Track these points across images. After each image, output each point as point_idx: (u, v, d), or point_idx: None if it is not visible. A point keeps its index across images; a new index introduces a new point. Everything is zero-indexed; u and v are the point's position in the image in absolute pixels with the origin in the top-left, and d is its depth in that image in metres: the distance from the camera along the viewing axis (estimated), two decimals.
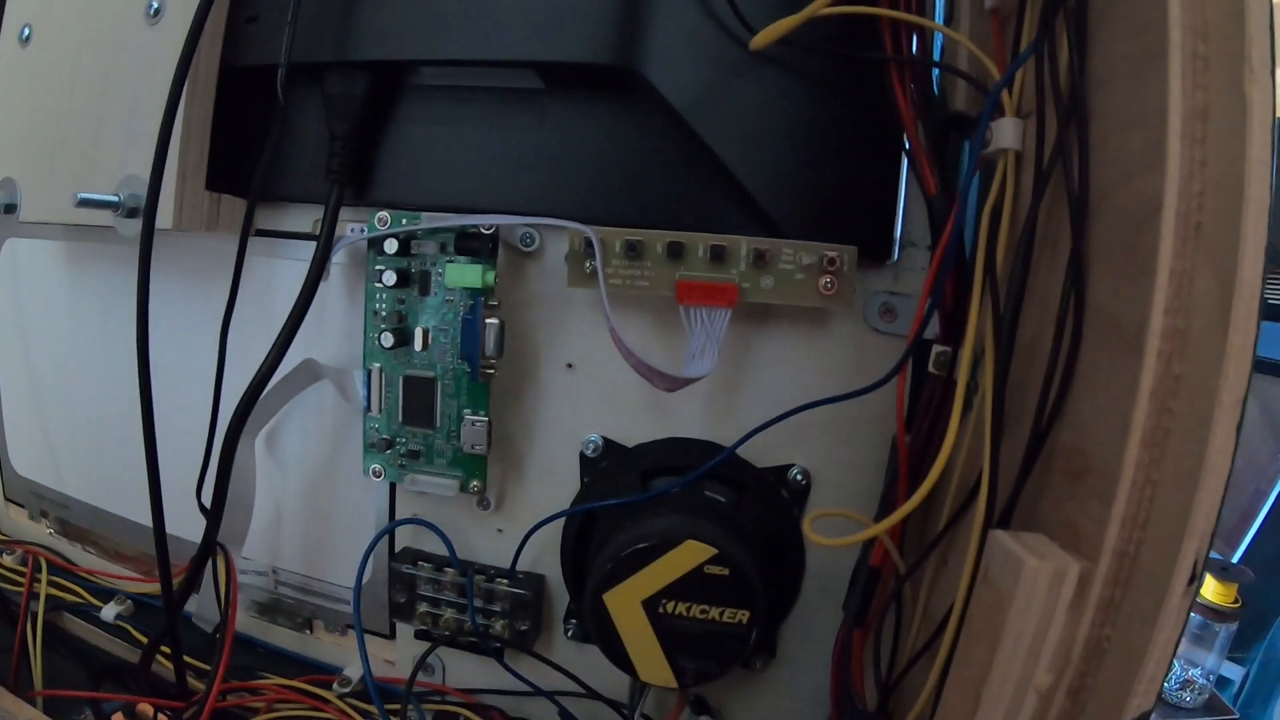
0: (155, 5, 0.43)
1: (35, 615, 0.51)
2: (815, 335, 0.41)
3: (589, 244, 0.38)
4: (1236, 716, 1.01)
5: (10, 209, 0.48)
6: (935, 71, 0.40)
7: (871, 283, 0.40)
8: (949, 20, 0.41)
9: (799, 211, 0.39)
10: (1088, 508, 0.27)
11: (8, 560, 0.57)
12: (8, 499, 0.62)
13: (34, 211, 0.48)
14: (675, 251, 0.38)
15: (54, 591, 0.54)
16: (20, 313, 0.58)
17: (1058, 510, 0.29)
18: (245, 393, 0.39)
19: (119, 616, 0.51)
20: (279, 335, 0.40)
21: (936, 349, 0.38)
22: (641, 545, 0.36)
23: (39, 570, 0.54)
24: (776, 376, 0.41)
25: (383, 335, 0.41)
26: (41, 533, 0.60)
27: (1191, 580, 0.24)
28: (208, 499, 0.43)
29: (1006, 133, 0.34)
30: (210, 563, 0.44)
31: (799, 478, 0.42)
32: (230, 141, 0.44)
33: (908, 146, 0.39)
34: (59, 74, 0.47)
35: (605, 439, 0.42)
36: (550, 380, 0.43)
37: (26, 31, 0.49)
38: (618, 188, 0.40)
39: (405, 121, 0.43)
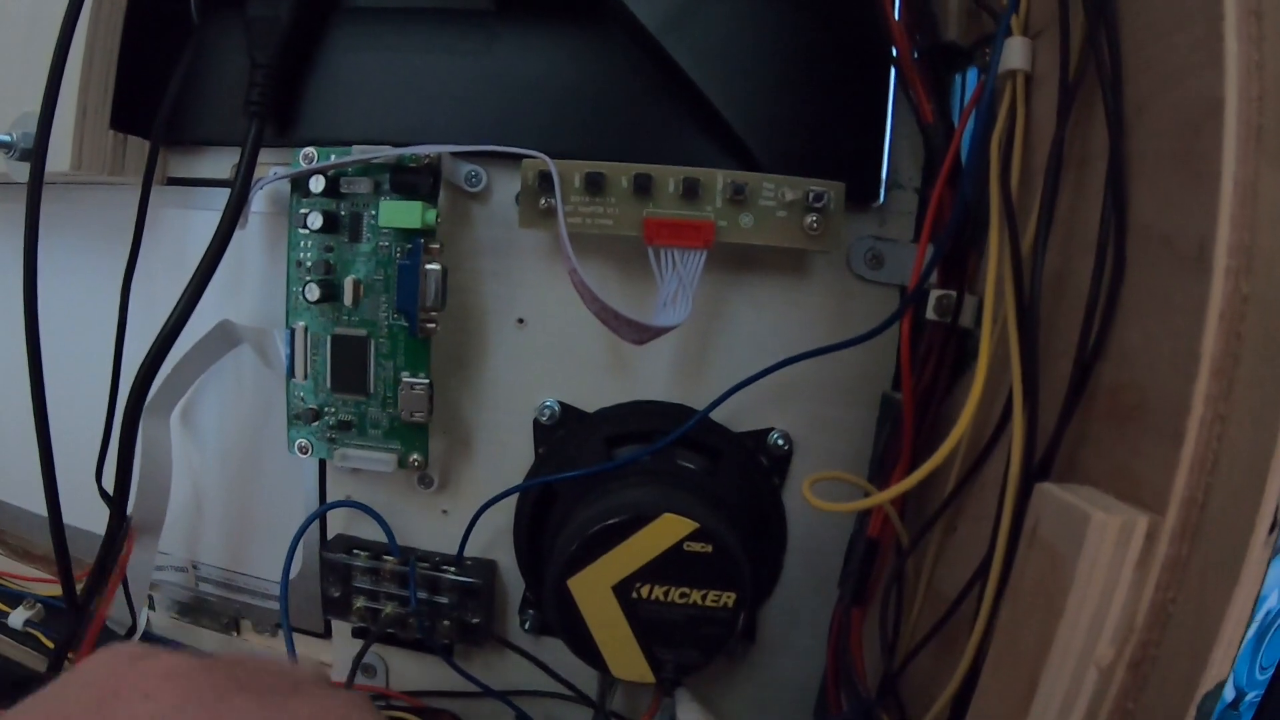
0: None
1: None
2: (795, 284, 0.35)
3: (545, 178, 0.32)
4: None
5: None
6: None
7: (856, 227, 0.34)
8: None
9: (780, 145, 0.33)
10: (1144, 451, 0.22)
11: None
12: None
13: None
14: (643, 185, 0.32)
15: None
16: None
17: (1104, 457, 0.24)
18: (146, 359, 0.32)
19: (28, 623, 0.43)
20: (186, 289, 0.32)
21: (937, 293, 0.33)
22: (611, 521, 0.30)
23: None
24: (754, 330, 0.35)
25: (307, 288, 0.33)
26: None
27: (1273, 528, 0.19)
28: (111, 484, 0.35)
29: (1015, 53, 0.29)
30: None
31: (780, 442, 0.35)
32: (139, 76, 0.37)
33: (899, 71, 0.34)
34: None
35: (562, 403, 0.36)
36: (499, 338, 0.36)
37: None
38: (577, 119, 0.34)
39: (336, 49, 0.36)
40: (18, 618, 0.44)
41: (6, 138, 0.36)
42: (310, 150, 0.34)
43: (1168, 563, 0.21)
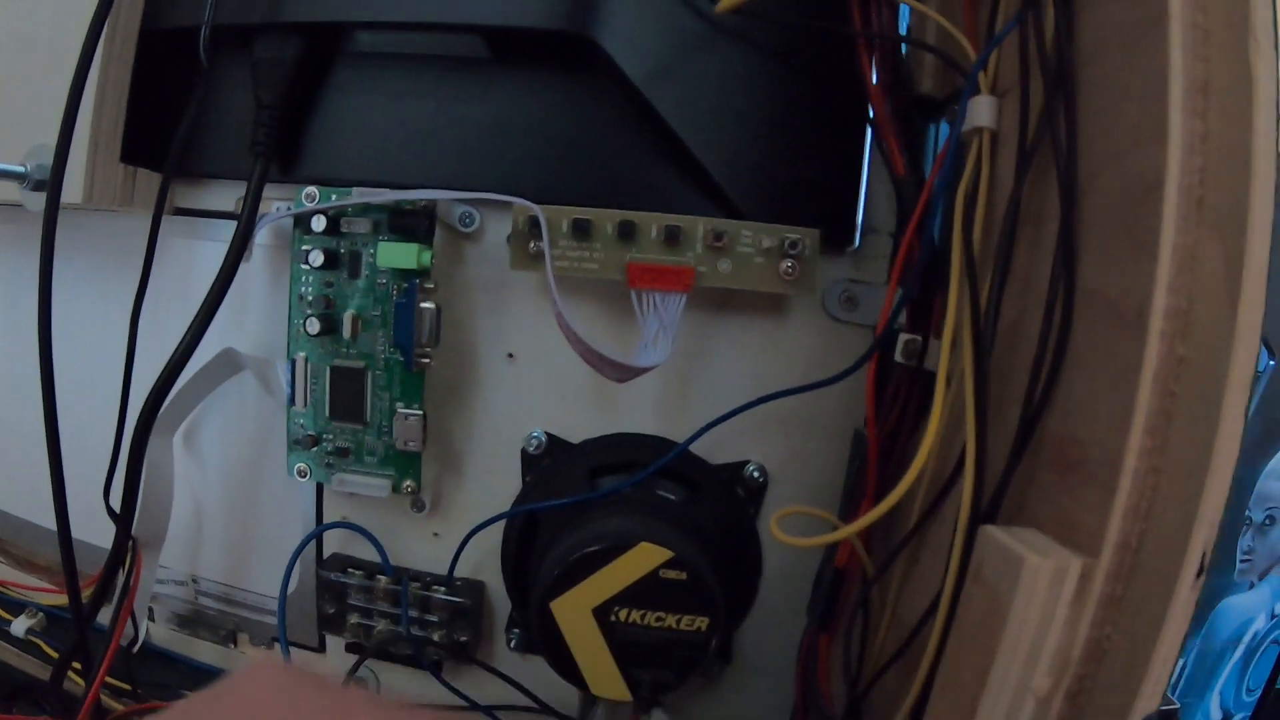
0: None
1: None
2: (773, 325, 0.37)
3: (534, 222, 0.33)
4: (1177, 706, 0.99)
5: None
6: (903, 49, 0.37)
7: (832, 270, 0.36)
8: None
9: (758, 193, 0.35)
10: (1084, 499, 0.23)
11: None
12: None
13: None
14: (627, 232, 0.33)
15: None
16: None
17: (1048, 503, 0.25)
18: (156, 384, 0.33)
19: (30, 631, 0.44)
20: (194, 320, 0.34)
21: (904, 337, 0.34)
22: (591, 549, 0.31)
23: None
24: (732, 368, 0.37)
25: (308, 321, 0.35)
26: None
27: (1200, 573, 0.21)
28: (118, 501, 0.36)
29: (982, 111, 0.30)
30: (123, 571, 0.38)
31: (756, 474, 0.37)
32: (148, 111, 0.38)
33: (874, 127, 0.36)
34: None
35: (549, 434, 0.37)
36: (490, 371, 0.37)
37: None
38: (566, 165, 0.36)
39: (338, 91, 0.37)
40: (20, 626, 0.45)
41: (21, 169, 0.38)
42: (312, 190, 0.35)
43: (1103, 601, 0.22)
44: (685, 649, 0.33)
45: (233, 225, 0.36)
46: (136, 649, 0.42)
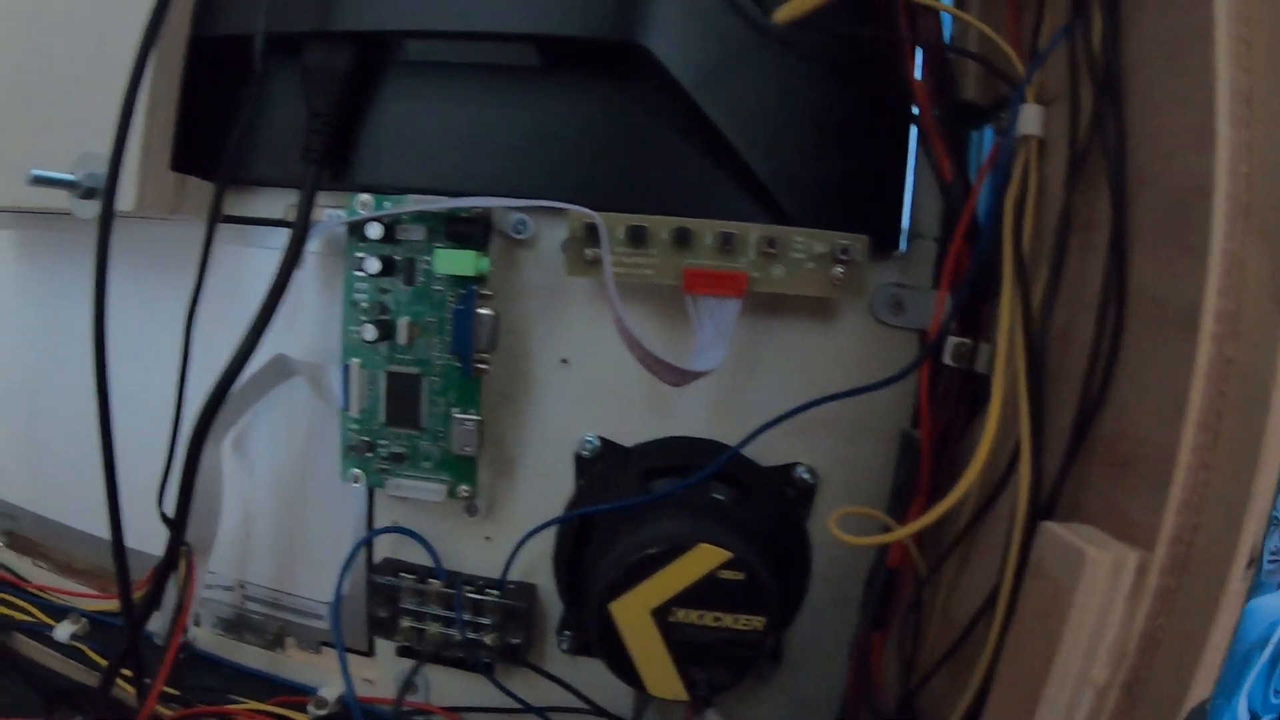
0: None
1: None
2: (821, 329, 0.39)
3: (591, 229, 0.36)
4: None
5: None
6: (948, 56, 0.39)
7: (878, 275, 0.39)
8: (957, 3, 0.40)
9: (808, 199, 0.38)
10: (1138, 495, 0.26)
11: None
12: None
13: None
14: (682, 238, 0.36)
15: (1, 609, 0.49)
16: None
17: (1102, 499, 0.28)
18: (212, 393, 0.36)
19: (74, 636, 0.47)
20: (249, 329, 0.36)
21: (954, 340, 0.37)
22: (651, 551, 0.34)
23: None
24: (781, 371, 0.39)
25: (364, 328, 0.38)
26: None
27: (1250, 563, 0.23)
28: (170, 507, 0.39)
29: (1029, 120, 0.33)
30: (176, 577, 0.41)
31: (805, 476, 0.40)
32: (196, 119, 0.41)
33: (920, 133, 0.38)
34: (4, 43, 0.43)
35: (602, 438, 0.40)
36: (543, 376, 0.40)
37: None
38: (617, 172, 0.38)
39: (389, 99, 0.40)
40: (63, 631, 0.47)
41: (71, 177, 0.40)
42: (366, 197, 0.38)
43: (1157, 594, 0.25)
44: (741, 648, 0.36)
45: (282, 232, 0.39)
46: (183, 654, 0.45)
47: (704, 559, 0.34)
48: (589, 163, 0.38)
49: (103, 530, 0.46)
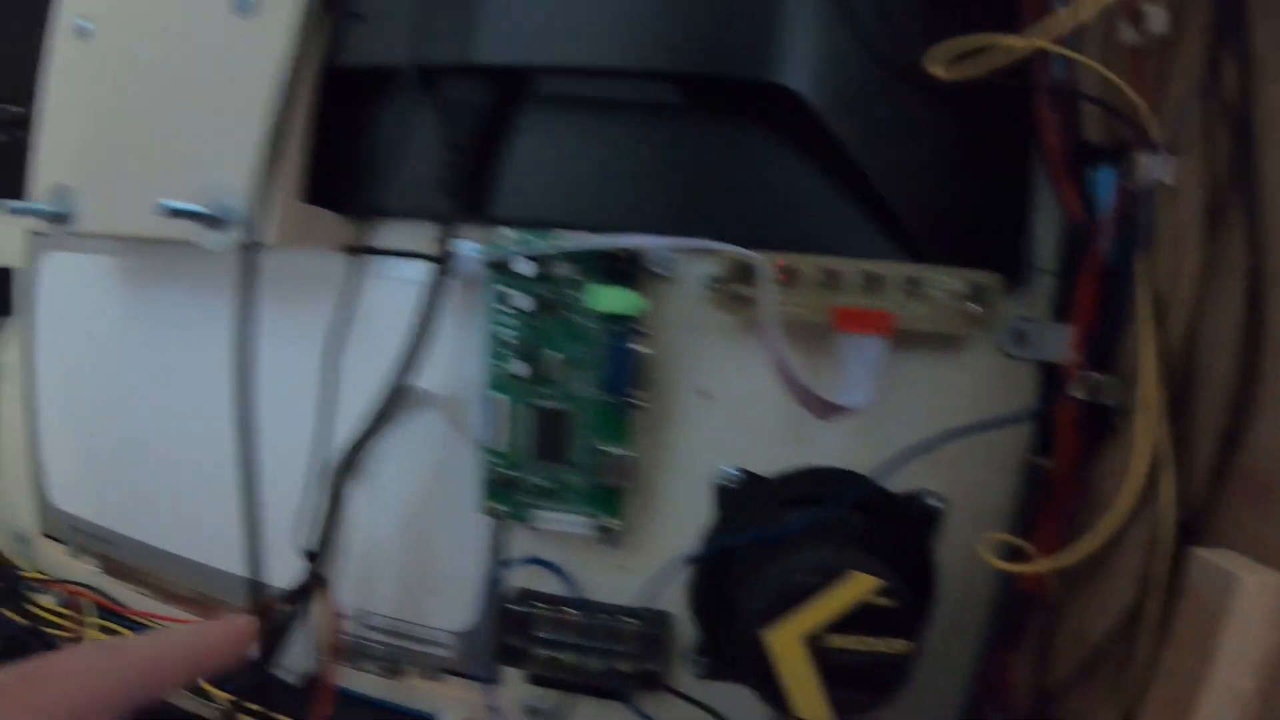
0: None
1: None
2: (947, 361, 0.43)
3: (741, 268, 0.40)
4: None
5: (62, 218, 0.47)
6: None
7: (1005, 308, 0.42)
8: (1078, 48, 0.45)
9: (941, 236, 0.41)
10: (1275, 521, 0.32)
11: (47, 601, 0.54)
12: (45, 535, 0.60)
13: (94, 222, 0.46)
14: (830, 277, 0.41)
15: (103, 637, 0.52)
16: (61, 334, 0.57)
17: (1241, 527, 0.33)
18: (359, 429, 0.39)
19: None
20: (394, 367, 0.40)
21: (1081, 374, 0.42)
22: (806, 580, 0.39)
23: (84, 613, 0.53)
24: (908, 401, 0.43)
25: (512, 363, 0.41)
26: (82, 570, 0.58)
27: None
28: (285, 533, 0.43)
29: (1160, 167, 0.38)
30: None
31: (933, 502, 0.44)
32: (322, 150, 0.44)
33: (1049, 173, 0.43)
34: (125, 71, 0.46)
35: (742, 469, 0.43)
36: (684, 409, 0.43)
37: (86, 24, 0.48)
38: (756, 208, 0.41)
39: (525, 132, 0.43)
40: None
41: (201, 208, 0.42)
42: (509, 232, 0.41)
43: None
44: (886, 671, 0.40)
45: (408, 264, 0.43)
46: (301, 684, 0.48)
47: (855, 586, 0.39)
48: (727, 198, 0.42)
49: (203, 556, 0.50)
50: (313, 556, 0.42)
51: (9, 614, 0.56)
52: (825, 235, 0.42)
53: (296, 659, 0.46)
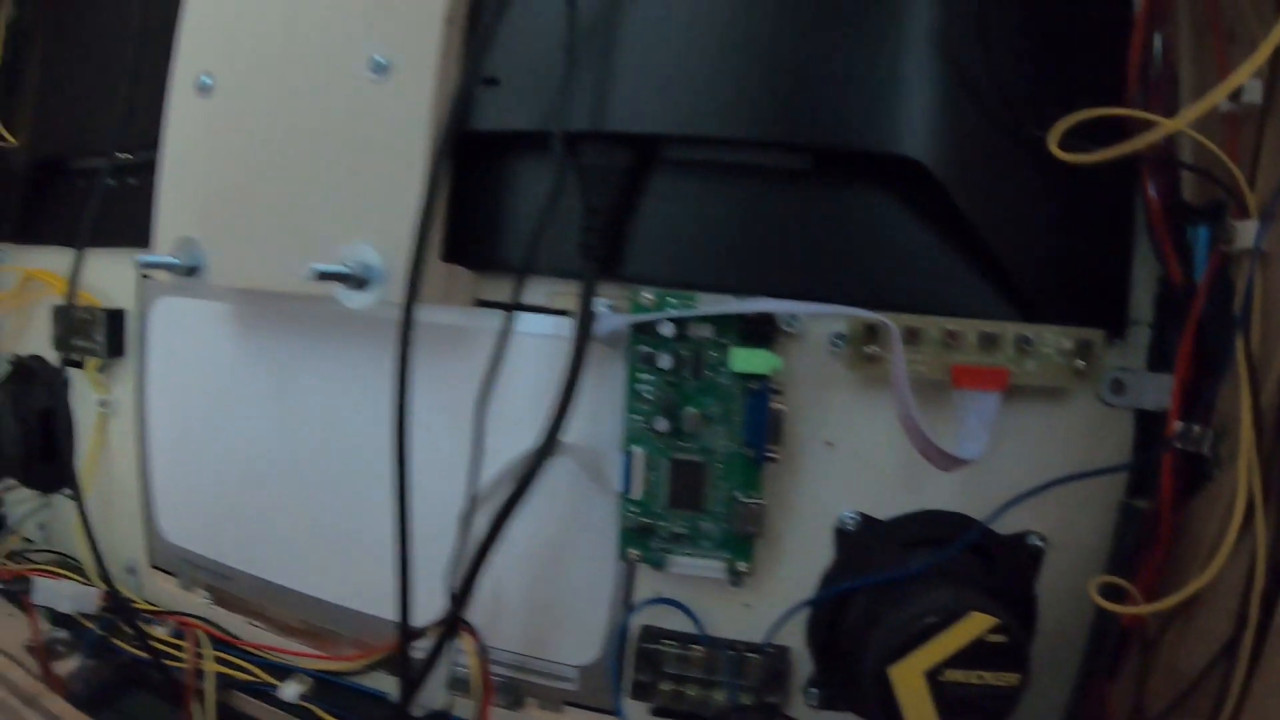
0: (381, 61, 0.47)
1: (203, 694, 0.55)
2: (1050, 409, 0.48)
3: (869, 329, 0.47)
4: None
5: (192, 271, 0.51)
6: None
7: (1105, 360, 0.48)
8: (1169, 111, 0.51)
9: (1051, 295, 0.46)
10: None
11: (159, 632, 0.59)
12: (154, 567, 0.65)
13: (224, 275, 0.51)
14: (950, 338, 0.45)
15: (219, 668, 0.57)
16: (172, 375, 0.61)
17: None
18: (518, 483, 0.45)
19: (302, 696, 0.55)
20: (549, 424, 0.44)
21: (1181, 425, 0.49)
22: (931, 619, 0.46)
23: (199, 644, 0.57)
24: (1015, 447, 0.48)
25: (655, 419, 0.46)
26: (193, 602, 0.62)
27: None
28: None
29: (1248, 233, 0.44)
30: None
31: (1037, 543, 0.49)
32: (460, 210, 0.49)
33: (1150, 234, 0.50)
34: (251, 128, 0.50)
35: (861, 513, 0.48)
36: (808, 458, 0.48)
37: (206, 80, 0.52)
38: (879, 270, 0.46)
39: (658, 195, 0.48)
40: (290, 691, 0.55)
41: (346, 269, 0.46)
42: (650, 294, 0.46)
43: None
44: (997, 702, 0.47)
45: (538, 318, 0.49)
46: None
47: (974, 625, 0.45)
48: (851, 260, 0.46)
49: (319, 591, 0.56)
50: (458, 599, 0.48)
51: (121, 644, 0.61)
52: (943, 295, 0.47)
53: (431, 694, 0.52)
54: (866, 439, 0.48)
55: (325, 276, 0.45)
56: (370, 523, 0.52)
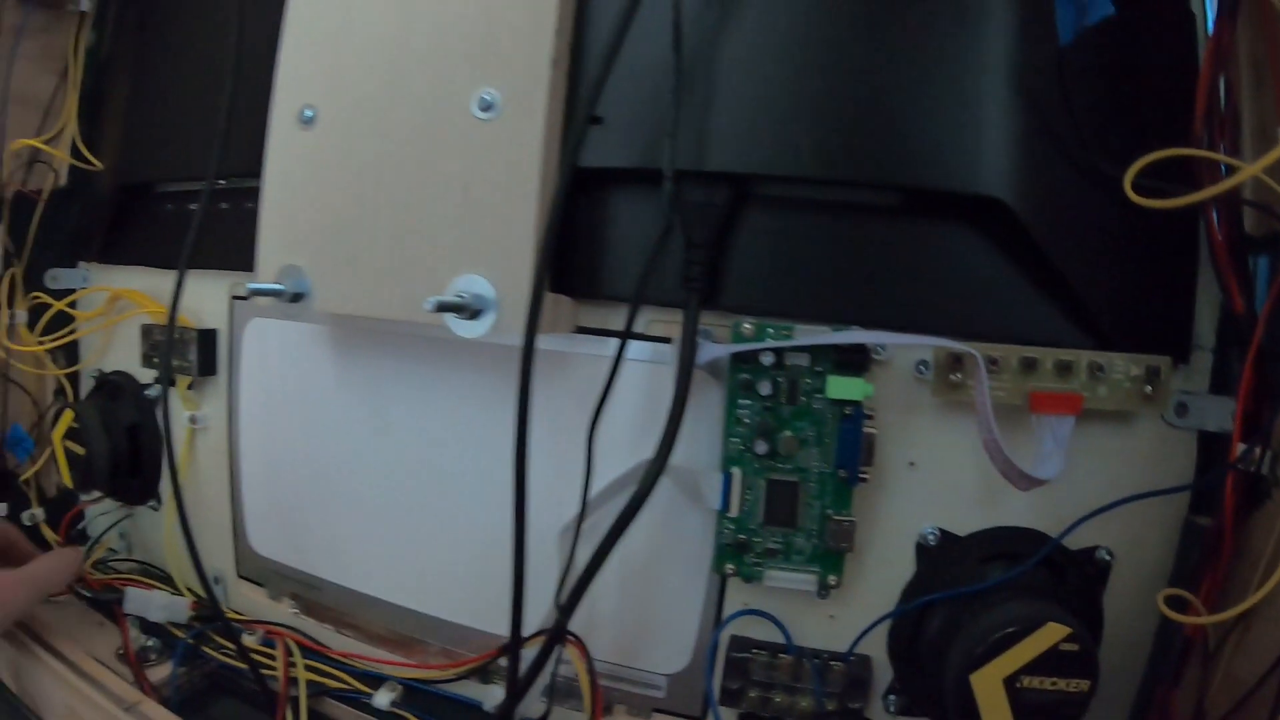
0: (488, 99, 0.49)
1: (296, 701, 0.58)
2: (1118, 431, 0.50)
3: (953, 358, 0.50)
4: None
5: (299, 298, 0.53)
6: None
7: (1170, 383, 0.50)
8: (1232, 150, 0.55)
9: (1123, 325, 0.49)
10: None
11: (249, 640, 0.62)
12: (241, 576, 0.67)
13: (330, 302, 0.53)
14: (1028, 365, 0.48)
15: (310, 676, 0.59)
16: (264, 392, 0.64)
17: None
18: (629, 504, 0.48)
19: (393, 703, 0.58)
20: (657, 450, 0.47)
21: (1243, 447, 0.52)
22: (1011, 630, 0.49)
23: (290, 654, 0.60)
24: (1084, 467, 0.50)
25: (755, 443, 0.48)
26: (281, 612, 0.65)
27: None
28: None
29: None
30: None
31: (1105, 557, 0.52)
32: (558, 242, 0.51)
33: (1215, 266, 0.53)
34: (356, 161, 0.52)
35: (941, 529, 0.52)
36: (892, 477, 0.51)
37: (309, 113, 0.54)
38: (962, 301, 0.49)
39: (754, 229, 0.51)
40: (383, 698, 0.57)
41: (460, 300, 0.48)
42: (750, 324, 0.49)
43: None
44: (1069, 708, 0.49)
45: (634, 345, 0.52)
46: None
47: (1049, 635, 0.48)
48: (936, 292, 0.49)
49: (406, 600, 0.58)
50: (565, 610, 0.51)
51: (211, 652, 0.63)
52: (1020, 325, 0.50)
53: (527, 704, 0.55)
54: (946, 459, 0.51)
55: (444, 308, 0.47)
56: (457, 535, 0.55)
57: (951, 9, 0.48)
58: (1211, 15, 0.52)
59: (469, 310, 0.49)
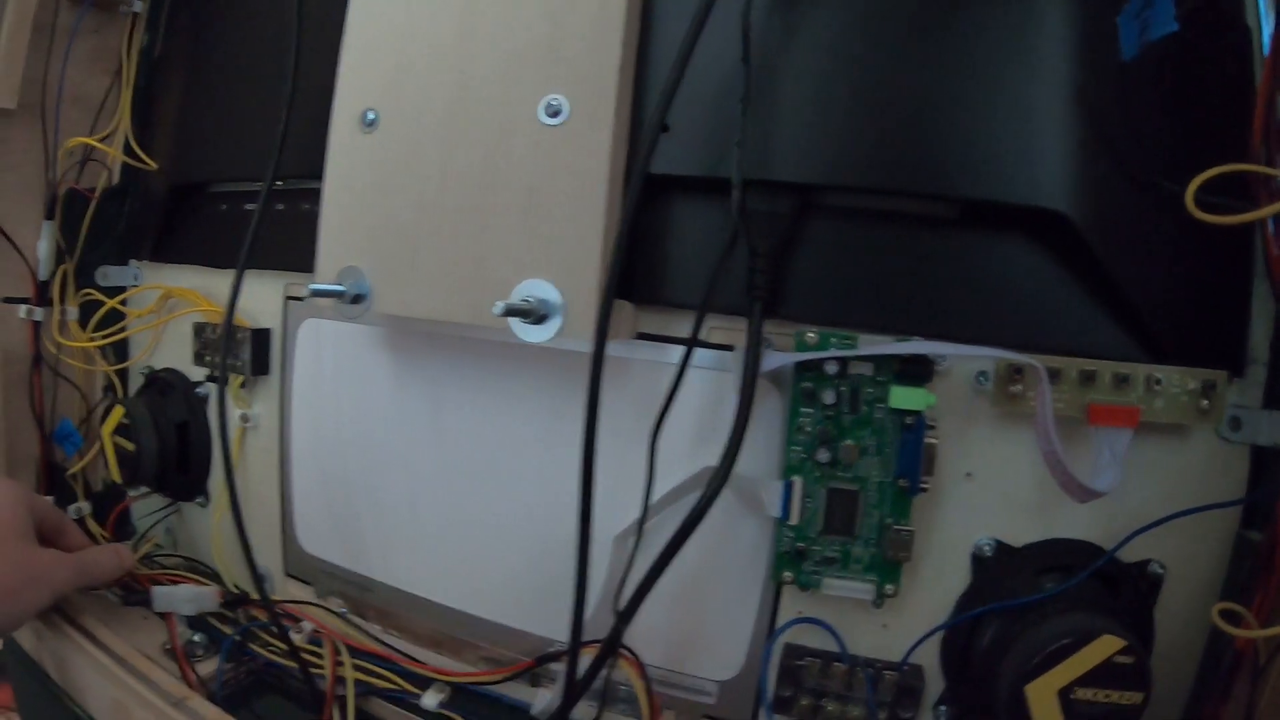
0: (555, 104, 0.50)
1: (344, 700, 0.58)
2: (1172, 444, 0.51)
3: (1014, 369, 0.50)
4: None
5: (360, 299, 0.54)
6: None
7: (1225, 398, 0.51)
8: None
9: (1180, 339, 0.50)
10: None
11: (297, 639, 0.62)
12: (288, 574, 0.68)
13: (391, 305, 0.53)
14: (1087, 378, 0.49)
15: (359, 675, 0.60)
16: (316, 392, 0.64)
17: None
18: (690, 515, 0.48)
19: (441, 704, 0.58)
20: (722, 458, 0.47)
21: None
22: (1066, 641, 0.49)
23: (338, 652, 0.60)
24: (1139, 480, 0.51)
25: (818, 451, 0.49)
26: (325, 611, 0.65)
27: None
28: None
29: None
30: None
31: (1158, 570, 0.52)
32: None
33: (1272, 284, 0.54)
34: (420, 164, 0.53)
35: (997, 540, 0.52)
36: (950, 488, 0.51)
37: (371, 116, 0.54)
38: (1022, 314, 0.50)
39: (815, 241, 0.51)
40: (431, 699, 0.58)
41: (525, 303, 0.49)
42: (813, 333, 0.50)
43: None
44: (1121, 718, 0.52)
45: (696, 352, 0.52)
46: None
47: (1104, 647, 0.49)
48: (995, 303, 0.50)
49: (456, 602, 0.59)
50: (623, 617, 0.51)
51: (257, 649, 0.64)
52: (1078, 337, 0.51)
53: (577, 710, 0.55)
54: (1004, 470, 0.51)
55: (510, 312, 0.47)
56: (509, 538, 0.56)
57: (1013, 23, 0.49)
58: (1268, 31, 0.52)
59: (534, 315, 0.49)
